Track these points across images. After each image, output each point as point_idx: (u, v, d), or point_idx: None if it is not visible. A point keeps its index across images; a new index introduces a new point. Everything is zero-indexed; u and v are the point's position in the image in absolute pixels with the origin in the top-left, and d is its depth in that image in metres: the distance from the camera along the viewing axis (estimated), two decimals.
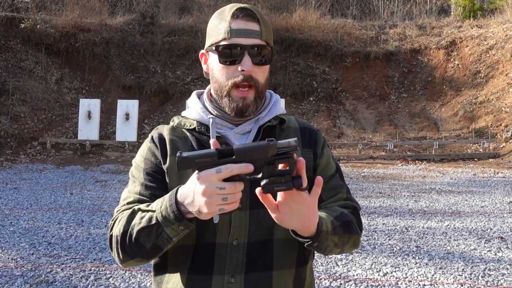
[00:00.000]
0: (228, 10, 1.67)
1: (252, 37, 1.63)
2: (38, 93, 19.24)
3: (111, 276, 5.76)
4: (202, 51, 1.78)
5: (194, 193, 1.39)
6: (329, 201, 1.80)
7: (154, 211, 1.51)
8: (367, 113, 20.93)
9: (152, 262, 1.74)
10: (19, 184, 12.21)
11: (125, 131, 17.89)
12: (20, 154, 16.70)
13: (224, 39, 1.63)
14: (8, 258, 6.42)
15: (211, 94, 1.79)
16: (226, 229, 1.61)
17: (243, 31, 1.62)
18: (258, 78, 1.67)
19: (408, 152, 17.72)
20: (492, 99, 19.40)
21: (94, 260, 6.40)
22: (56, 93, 20.00)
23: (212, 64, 1.72)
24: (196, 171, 1.39)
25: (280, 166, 1.37)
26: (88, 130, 17.97)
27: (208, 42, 1.72)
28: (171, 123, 1.82)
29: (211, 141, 1.44)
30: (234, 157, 1.36)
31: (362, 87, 22.06)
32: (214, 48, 1.66)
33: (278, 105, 1.82)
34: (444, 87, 21.48)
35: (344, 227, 1.67)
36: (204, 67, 1.80)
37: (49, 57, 21.12)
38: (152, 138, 1.78)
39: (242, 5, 1.67)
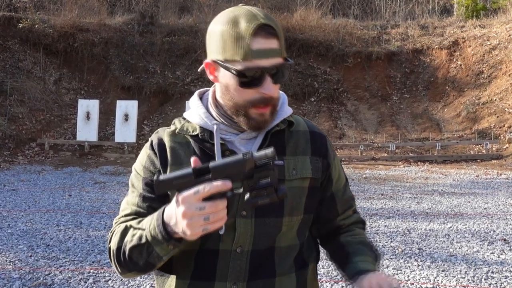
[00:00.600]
0: (246, 23, 1.53)
1: (273, 56, 1.54)
2: (36, 93, 19.24)
3: (110, 279, 5.77)
4: (208, 60, 1.64)
5: (176, 216, 1.38)
6: (343, 216, 1.86)
7: (144, 229, 1.51)
8: (369, 114, 20.93)
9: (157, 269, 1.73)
10: (17, 186, 12.22)
11: (124, 132, 17.88)
12: (18, 156, 16.70)
13: (243, 60, 1.52)
14: (6, 261, 6.42)
15: (216, 99, 1.70)
16: (230, 236, 1.60)
17: (264, 51, 1.53)
18: (275, 96, 1.62)
19: (410, 153, 17.72)
20: (495, 100, 19.39)
21: (92, 262, 6.40)
22: (55, 94, 20.00)
23: (225, 80, 1.60)
24: (176, 193, 1.37)
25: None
26: (86, 131, 17.97)
27: (218, 55, 1.59)
28: (172, 127, 1.76)
29: (192, 158, 1.41)
30: (210, 175, 1.34)
31: (364, 88, 22.06)
32: (233, 71, 1.54)
33: (285, 106, 1.76)
34: (447, 87, 21.48)
35: (378, 258, 1.80)
36: (210, 77, 1.67)
37: (47, 57, 21.11)
38: (151, 144, 1.74)
39: (261, 20, 1.54)
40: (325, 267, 6.23)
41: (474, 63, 21.57)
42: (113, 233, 1.64)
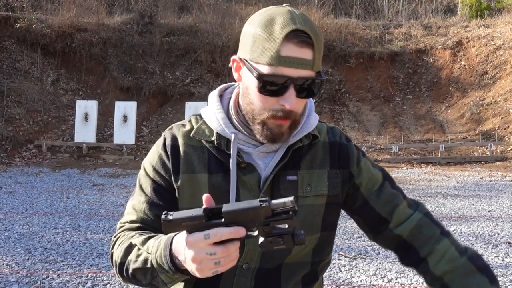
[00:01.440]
0: (280, 27, 1.44)
1: (303, 67, 1.43)
2: (33, 94, 19.26)
3: (108, 283, 5.76)
4: (235, 57, 1.57)
5: (185, 255, 1.30)
6: (395, 221, 1.66)
7: (150, 253, 1.43)
8: (371, 115, 20.94)
9: None
10: (14, 188, 12.22)
11: (123, 134, 17.88)
12: (15, 157, 16.71)
13: (268, 65, 1.43)
14: (3, 264, 6.42)
15: (239, 104, 1.61)
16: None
17: (293, 60, 1.42)
18: (297, 111, 1.51)
19: (413, 155, 17.72)
20: (500, 101, 19.39)
21: (91, 266, 6.40)
22: (52, 95, 20.01)
23: (247, 81, 1.52)
24: (185, 232, 1.30)
25: None
26: (85, 132, 17.97)
27: (246, 53, 1.51)
28: (188, 126, 1.67)
29: (204, 196, 1.31)
30: (222, 220, 1.25)
31: (366, 88, 22.06)
32: (255, 74, 1.45)
33: (311, 119, 1.65)
34: (450, 88, 21.47)
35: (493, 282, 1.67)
36: (235, 74, 1.59)
37: (45, 57, 21.13)
38: (164, 143, 1.65)
39: (298, 24, 1.44)
40: (327, 270, 6.23)
41: (478, 64, 21.57)
42: (116, 240, 1.60)
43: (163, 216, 1.27)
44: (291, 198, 1.22)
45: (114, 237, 1.62)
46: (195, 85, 20.57)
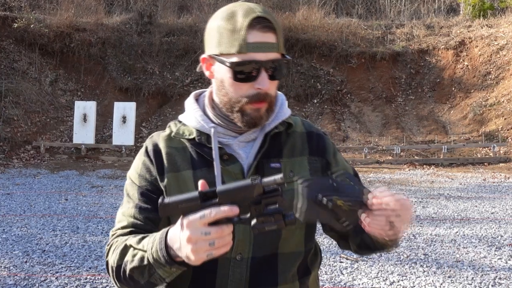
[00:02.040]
0: (242, 16, 1.54)
1: (269, 51, 1.54)
2: (31, 95, 19.27)
3: (107, 285, 5.77)
4: (204, 56, 1.66)
5: (180, 240, 1.35)
6: None
7: (145, 251, 1.47)
8: (373, 116, 20.93)
9: None
10: (12, 190, 12.23)
11: (122, 135, 17.90)
12: (13, 159, 16.72)
13: (238, 53, 1.53)
14: (1, 267, 6.43)
15: (213, 100, 1.71)
16: None
17: (260, 45, 1.53)
18: (271, 92, 1.62)
19: (415, 157, 17.71)
20: (503, 101, 19.39)
21: (90, 268, 6.41)
22: (51, 95, 20.03)
23: (220, 75, 1.61)
24: (181, 217, 1.35)
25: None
26: (83, 133, 17.99)
27: (214, 49, 1.60)
28: (167, 130, 1.75)
29: (200, 182, 1.38)
30: (217, 200, 1.33)
31: (368, 89, 22.06)
32: (228, 63, 1.54)
33: (285, 108, 1.76)
34: (453, 89, 21.47)
35: None
36: (206, 73, 1.69)
37: (43, 57, 21.15)
38: (146, 150, 1.72)
39: (258, 12, 1.55)
40: (328, 273, 6.24)
41: (481, 64, 21.57)
42: (110, 247, 1.62)
43: (159, 200, 1.35)
44: (280, 175, 1.31)
45: (108, 245, 1.65)
46: (195, 86, 20.56)
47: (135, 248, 1.52)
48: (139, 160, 1.73)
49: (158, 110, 20.81)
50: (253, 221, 1.34)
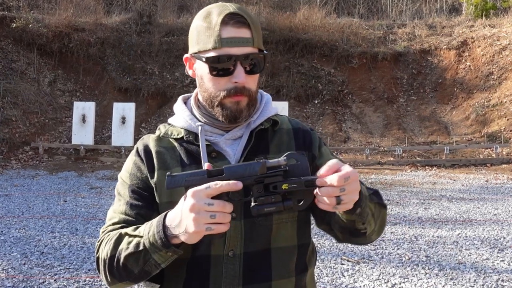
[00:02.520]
0: (216, 14, 1.62)
1: (244, 45, 1.60)
2: (30, 95, 19.28)
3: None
4: (187, 55, 1.76)
5: (182, 211, 1.40)
6: None
7: (141, 236, 1.51)
8: (375, 117, 20.94)
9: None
10: (10, 191, 12.24)
11: (121, 136, 17.90)
12: (11, 160, 16.73)
13: (213, 49, 1.60)
14: None
15: (198, 100, 1.78)
16: (221, 240, 1.60)
17: (234, 39, 1.59)
18: (250, 87, 1.66)
19: (417, 158, 17.71)
20: (506, 102, 19.39)
21: (88, 270, 6.41)
22: (49, 96, 20.04)
23: (200, 72, 1.70)
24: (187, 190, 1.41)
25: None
26: (82, 134, 18.00)
27: (194, 47, 1.69)
28: (157, 132, 1.81)
29: (206, 164, 1.47)
30: (223, 175, 1.40)
31: (369, 90, 22.07)
32: (204, 59, 1.63)
33: (270, 106, 1.81)
34: (455, 89, 21.48)
35: (376, 195, 1.70)
36: (189, 72, 1.78)
37: (41, 58, 21.17)
38: (137, 150, 1.77)
39: (231, 9, 1.62)
40: (329, 275, 6.23)
41: (483, 64, 21.58)
42: (101, 242, 1.64)
43: (168, 173, 1.44)
44: (283, 157, 1.42)
45: (98, 241, 1.66)
46: (194, 86, 20.32)
47: (130, 235, 1.55)
48: (130, 161, 1.78)
49: (158, 110, 20.82)
50: (253, 204, 1.41)
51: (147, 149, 1.75)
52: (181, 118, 1.77)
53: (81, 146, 17.75)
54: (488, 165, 16.61)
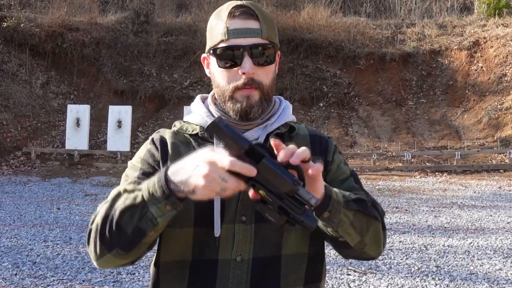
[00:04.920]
0: (225, 9, 1.69)
1: (252, 36, 1.65)
2: (21, 98, 19.31)
3: None
4: (204, 55, 1.81)
5: (193, 173, 1.39)
6: None
7: (141, 189, 1.50)
8: (382, 120, 20.94)
9: (150, 282, 1.74)
10: (1, 198, 12.25)
11: (117, 140, 17.91)
12: (2, 165, 16.75)
13: (221, 41, 1.66)
14: None
15: (215, 98, 1.81)
16: (229, 243, 1.61)
17: (241, 30, 1.65)
18: (261, 79, 1.69)
19: (427, 163, 17.72)
20: None
21: (83, 281, 6.42)
22: (42, 99, 20.07)
23: (212, 68, 1.74)
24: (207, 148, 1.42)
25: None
26: (76, 139, 18.00)
27: (208, 45, 1.74)
28: (173, 128, 1.84)
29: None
30: (258, 165, 1.36)
31: (377, 92, 22.07)
32: (212, 51, 1.70)
33: (288, 112, 1.84)
34: (467, 91, 21.47)
35: (358, 203, 1.64)
36: (206, 71, 1.82)
37: (34, 59, 21.20)
38: (152, 140, 1.80)
39: (239, 2, 1.70)
40: (335, 286, 6.23)
41: (496, 65, 21.57)
42: (98, 213, 1.62)
43: (217, 116, 1.55)
44: (316, 200, 1.34)
45: (94, 214, 1.64)
46: (194, 88, 20.56)
47: (129, 192, 1.54)
48: (144, 148, 1.81)
49: (155, 114, 20.82)
50: (259, 204, 1.39)
51: (163, 140, 1.78)
52: (198, 115, 1.81)
53: (75, 151, 17.75)
54: (501, 171, 16.60)
